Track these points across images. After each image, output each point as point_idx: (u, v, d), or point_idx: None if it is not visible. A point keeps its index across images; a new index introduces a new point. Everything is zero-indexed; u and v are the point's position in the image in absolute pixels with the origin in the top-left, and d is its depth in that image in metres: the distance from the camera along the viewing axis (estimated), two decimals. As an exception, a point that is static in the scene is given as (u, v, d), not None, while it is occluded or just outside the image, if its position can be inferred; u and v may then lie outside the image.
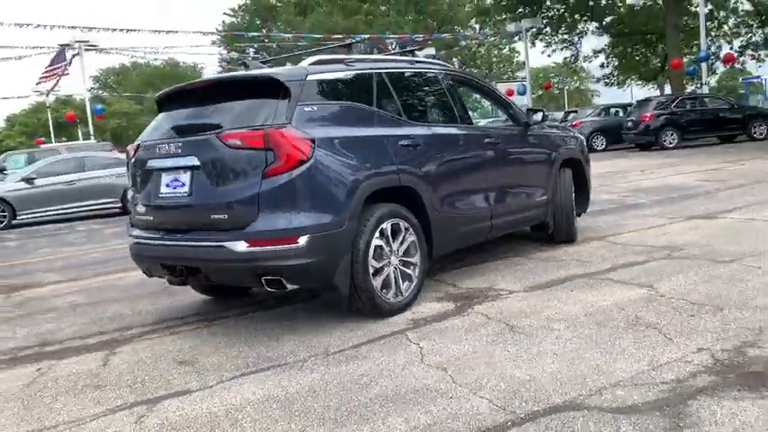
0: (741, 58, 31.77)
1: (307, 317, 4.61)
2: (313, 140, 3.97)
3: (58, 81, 36.38)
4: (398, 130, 4.65)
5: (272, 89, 4.11)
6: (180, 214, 4.23)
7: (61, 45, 30.22)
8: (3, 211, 14.18)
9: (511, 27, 31.45)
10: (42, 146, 27.39)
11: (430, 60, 5.62)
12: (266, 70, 4.48)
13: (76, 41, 29.78)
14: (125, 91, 58.23)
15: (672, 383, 2.94)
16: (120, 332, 4.73)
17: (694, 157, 16.81)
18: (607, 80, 36.58)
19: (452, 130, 5.24)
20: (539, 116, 6.17)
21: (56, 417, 3.22)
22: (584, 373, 3.15)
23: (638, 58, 34.73)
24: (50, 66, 33.27)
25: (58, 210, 14.67)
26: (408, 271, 4.53)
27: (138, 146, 4.55)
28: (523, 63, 35.98)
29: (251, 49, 53.28)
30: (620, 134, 22.57)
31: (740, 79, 72.43)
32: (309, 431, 2.80)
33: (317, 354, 3.79)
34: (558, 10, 31.66)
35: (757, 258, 5.11)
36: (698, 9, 29.49)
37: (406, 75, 5.20)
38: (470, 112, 6.02)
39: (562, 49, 32.84)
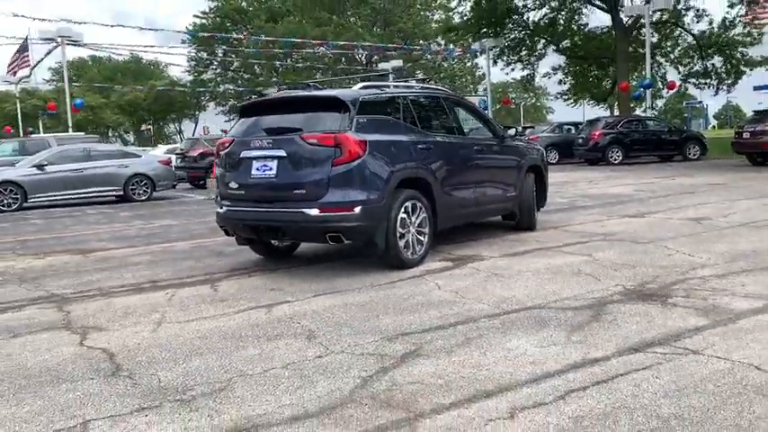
0: (686, 85, 34.71)
1: (344, 269, 6.42)
2: (365, 142, 5.82)
3: (32, 71, 37.08)
4: (416, 137, 6.53)
5: (337, 105, 5.94)
6: (267, 189, 6.01)
7: (44, 39, 31.08)
8: (15, 194, 15.48)
9: (476, 46, 33.85)
10: (33, 136, 28.28)
11: (434, 87, 7.52)
12: (331, 92, 6.31)
13: (59, 36, 30.67)
14: (84, 84, 58.54)
15: (597, 299, 4.86)
16: (207, 275, 6.45)
17: (635, 172, 19.16)
18: (565, 96, 39.22)
19: (452, 139, 7.14)
20: (512, 131, 8.15)
21: (208, 312, 4.96)
22: (545, 294, 5.06)
23: (591, 79, 37.46)
24: (18, 56, 34.04)
25: (65, 195, 16.04)
26: (421, 238, 6.40)
27: (232, 140, 6.31)
28: (484, 76, 38.23)
29: (220, 51, 54.34)
30: (572, 149, 24.91)
31: (684, 103, 77.02)
32: (382, 317, 4.63)
33: (365, 286, 5.61)
34: (519, 33, 34.13)
35: (666, 241, 7.15)
36: (645, 39, 32.45)
37: (420, 97, 7.10)
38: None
39: (521, 69, 35.33)
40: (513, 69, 35.15)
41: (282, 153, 5.89)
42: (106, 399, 3.31)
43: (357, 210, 5.74)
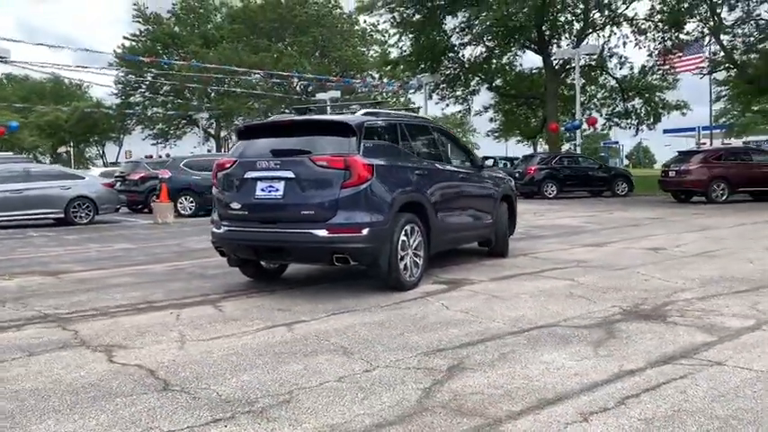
0: (608, 124, 36.70)
1: (342, 290, 6.50)
2: (372, 166, 5.99)
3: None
4: (414, 163, 6.75)
5: (344, 130, 6.10)
6: (273, 210, 6.06)
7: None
8: (-51, 214, 14.65)
9: (413, 81, 34.75)
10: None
11: (423, 116, 7.80)
12: (338, 116, 6.46)
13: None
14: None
15: (602, 319, 5.17)
16: (203, 296, 6.39)
17: (572, 206, 20.07)
18: (495, 135, 40.66)
19: (442, 166, 7.41)
20: (489, 162, 8.51)
21: (226, 331, 4.95)
22: (551, 314, 5.33)
23: (521, 117, 39.04)
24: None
25: (3, 216, 15.29)
26: (417, 261, 6.59)
27: (234, 161, 6.34)
28: (418, 110, 39.04)
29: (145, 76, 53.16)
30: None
31: (601, 143, 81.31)
32: (407, 335, 4.76)
33: (372, 306, 5.73)
34: (454, 69, 35.26)
35: (637, 268, 7.61)
36: (573, 82, 34.24)
37: (414, 125, 7.35)
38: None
39: (455, 104, 36.44)
40: (447, 105, 36.23)
41: (290, 174, 5.97)
42: (173, 411, 3.30)
43: (365, 231, 5.87)
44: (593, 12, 32.58)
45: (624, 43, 33.09)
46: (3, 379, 3.87)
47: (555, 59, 32.47)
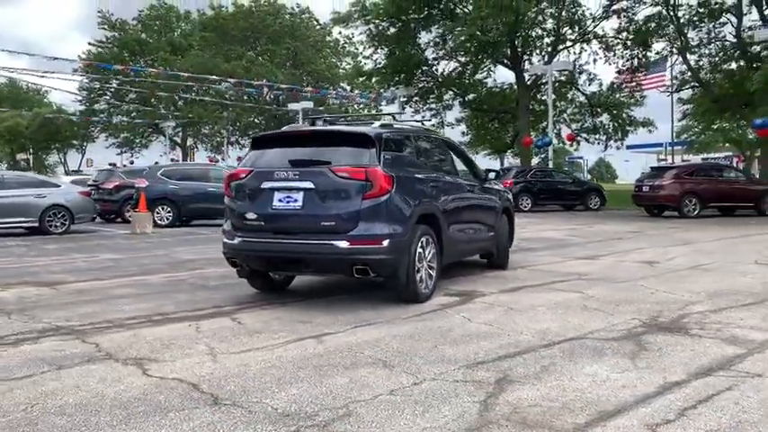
0: (578, 139, 37.36)
1: (359, 301, 6.46)
2: (393, 177, 5.99)
3: None
4: (427, 175, 6.77)
5: (363, 141, 6.08)
6: (291, 221, 5.99)
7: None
8: None
9: (387, 93, 34.92)
10: None
11: (430, 128, 7.84)
12: (358, 128, 6.44)
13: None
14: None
15: (626, 331, 5.24)
16: (215, 308, 6.27)
17: (550, 219, 20.34)
18: (466, 147, 40.92)
19: (451, 178, 7.44)
20: (492, 175, 8.58)
21: (254, 343, 4.87)
22: (574, 326, 5.38)
23: (492, 131, 39.51)
24: None
25: (-24, 225, 14.82)
26: (431, 272, 6.59)
27: (250, 171, 6.26)
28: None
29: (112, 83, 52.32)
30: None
31: (566, 158, 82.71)
32: (440, 347, 4.75)
33: (395, 318, 5.70)
34: (428, 83, 35.56)
35: (639, 281, 7.73)
36: (544, 97, 34.85)
37: (425, 137, 7.37)
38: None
39: (429, 118, 36.66)
40: (423, 117, 36.38)
41: (310, 185, 5.92)
42: (234, 426, 3.23)
43: (385, 243, 5.85)
44: (564, 28, 33.24)
45: (594, 60, 33.87)
46: (43, 393, 3.74)
47: (528, 75, 32.95)
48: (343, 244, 5.79)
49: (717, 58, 30.93)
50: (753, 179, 22.58)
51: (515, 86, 34.45)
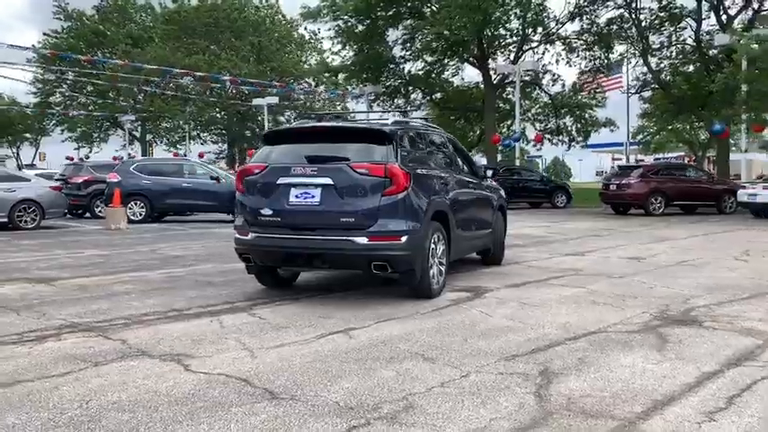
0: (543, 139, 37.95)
1: (370, 297, 6.50)
2: (410, 174, 6.04)
3: None
4: (437, 172, 6.85)
5: (380, 137, 6.12)
6: (309, 217, 5.99)
7: None
8: None
9: (356, 90, 34.92)
10: None
11: (435, 126, 7.91)
12: (374, 124, 6.47)
13: None
14: None
15: (643, 324, 5.41)
16: (228, 303, 6.22)
17: (522, 216, 20.61)
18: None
19: (457, 176, 7.53)
20: (490, 173, 8.71)
21: (284, 338, 4.86)
22: (592, 320, 5.52)
23: (458, 129, 39.80)
24: None
25: (-58, 219, 14.30)
26: (441, 268, 6.67)
27: (265, 166, 6.23)
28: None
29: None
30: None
31: (525, 156, 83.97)
32: (470, 340, 4.83)
33: (414, 314, 5.76)
34: (395, 81, 35.66)
35: (633, 276, 7.96)
36: (509, 96, 35.39)
37: (433, 133, 7.45)
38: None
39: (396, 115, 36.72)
40: (392, 115, 36.48)
41: (329, 181, 5.92)
42: (303, 420, 3.24)
43: (403, 239, 5.90)
44: (529, 30, 33.71)
45: (557, 61, 34.45)
46: (91, 390, 3.68)
47: (494, 74, 33.34)
48: (363, 240, 5.82)
49: (676, 61, 31.85)
50: (714, 179, 23.34)
51: (482, 85, 34.79)
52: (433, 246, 6.38)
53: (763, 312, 5.86)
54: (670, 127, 44.83)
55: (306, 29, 45.67)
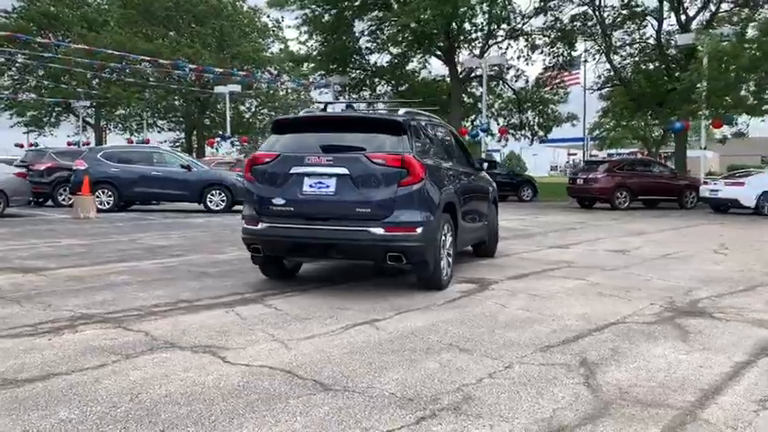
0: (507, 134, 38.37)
1: (380, 288, 6.46)
2: (425, 165, 6.02)
3: None
4: (445, 164, 6.85)
5: (395, 128, 6.08)
6: (324, 207, 5.91)
7: None
8: None
9: (323, 81, 34.64)
10: None
11: (437, 117, 7.90)
12: (388, 115, 6.41)
13: None
14: None
15: (656, 315, 5.52)
16: (236, 294, 6.11)
17: (492, 209, 20.86)
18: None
19: (461, 168, 7.54)
20: (485, 165, 8.76)
21: (312, 330, 4.80)
22: (607, 312, 5.60)
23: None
24: None
25: None
26: (450, 260, 6.68)
27: (277, 155, 6.11)
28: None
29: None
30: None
31: (484, 152, 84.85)
32: (498, 331, 4.85)
33: (431, 305, 5.75)
34: (361, 73, 35.51)
35: (627, 269, 8.12)
36: (473, 90, 35.68)
37: (438, 125, 7.44)
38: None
39: (366, 108, 36.61)
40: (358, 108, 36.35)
41: (345, 171, 5.86)
42: (368, 412, 3.20)
43: (419, 230, 5.89)
44: (493, 25, 33.99)
45: (519, 57, 34.83)
46: (134, 383, 3.56)
47: (460, 68, 33.51)
48: (379, 231, 5.78)
49: (638, 59, 32.59)
50: (676, 175, 24.00)
51: (448, 79, 34.94)
52: (443, 237, 6.38)
53: (764, 304, 6.05)
54: (625, 123, 46.01)
55: (269, 16, 44.97)
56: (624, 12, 31.46)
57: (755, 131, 30.39)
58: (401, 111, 6.59)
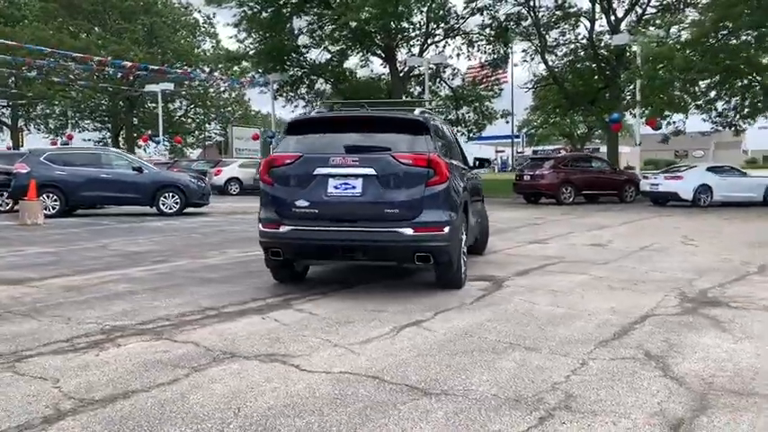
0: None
1: (396, 289, 6.43)
2: (449, 164, 6.03)
3: None
4: (457, 162, 6.88)
5: (417, 128, 6.05)
6: (351, 208, 5.81)
7: None
8: None
9: (261, 79, 34.06)
10: None
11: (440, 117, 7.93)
12: (410, 114, 6.35)
13: None
14: None
15: (679, 306, 5.73)
16: (258, 299, 5.93)
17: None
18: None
19: (466, 166, 7.59)
20: (478, 163, 8.85)
21: (364, 334, 4.71)
22: (633, 305, 5.75)
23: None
24: None
25: None
26: (465, 258, 6.71)
27: (298, 156, 5.97)
28: (258, 111, 38.38)
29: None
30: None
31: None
32: (545, 328, 4.91)
33: (461, 304, 5.76)
34: (298, 71, 35.13)
35: (617, 262, 8.40)
36: (412, 90, 35.94)
37: (444, 124, 7.46)
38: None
39: (304, 106, 36.24)
40: (295, 107, 35.97)
41: (371, 171, 5.78)
42: (487, 415, 3.19)
43: (446, 230, 5.89)
44: (432, 24, 34.39)
45: (459, 54, 35.38)
46: (225, 397, 3.40)
47: (401, 67, 33.70)
48: (408, 231, 5.74)
49: (572, 58, 33.69)
50: (616, 170, 24.94)
51: (389, 77, 35.06)
52: (461, 236, 6.41)
53: (766, 292, 6.38)
54: (552, 121, 47.52)
55: (200, 12, 43.86)
56: (558, 12, 32.48)
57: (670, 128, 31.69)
58: (416, 110, 6.57)
